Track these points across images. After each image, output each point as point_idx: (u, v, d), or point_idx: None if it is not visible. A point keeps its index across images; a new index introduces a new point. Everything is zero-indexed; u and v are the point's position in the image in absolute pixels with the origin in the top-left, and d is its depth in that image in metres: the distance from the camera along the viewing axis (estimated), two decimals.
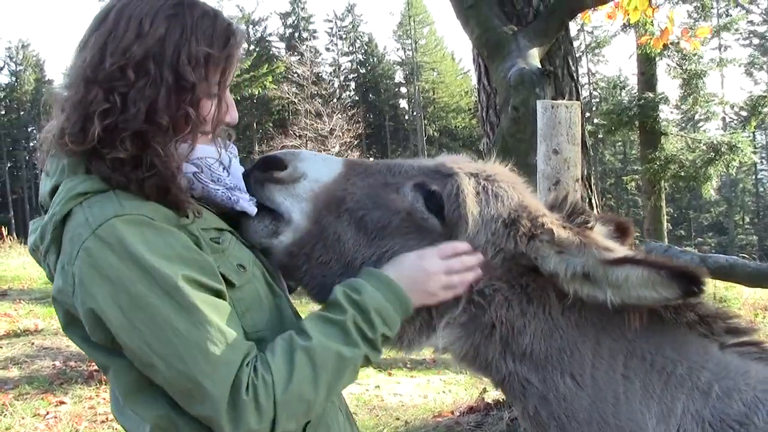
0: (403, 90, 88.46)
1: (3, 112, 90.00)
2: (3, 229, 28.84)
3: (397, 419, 7.83)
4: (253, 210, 2.24)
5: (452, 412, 7.86)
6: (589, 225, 2.27)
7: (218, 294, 1.99)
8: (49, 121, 2.17)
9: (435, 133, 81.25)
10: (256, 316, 2.13)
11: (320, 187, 2.26)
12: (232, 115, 2.24)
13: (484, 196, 2.26)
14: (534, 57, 6.17)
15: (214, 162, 2.18)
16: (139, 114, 1.98)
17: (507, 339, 2.19)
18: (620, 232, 2.48)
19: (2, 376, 8.97)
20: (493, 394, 7.82)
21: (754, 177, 73.39)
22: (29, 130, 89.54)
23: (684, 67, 27.56)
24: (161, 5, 2.06)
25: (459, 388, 9.04)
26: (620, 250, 2.10)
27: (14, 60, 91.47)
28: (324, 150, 48.40)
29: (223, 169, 2.20)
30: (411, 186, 2.27)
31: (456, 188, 2.23)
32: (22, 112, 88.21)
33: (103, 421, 7.61)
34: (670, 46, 22.29)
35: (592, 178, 7.17)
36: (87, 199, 2.00)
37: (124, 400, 2.08)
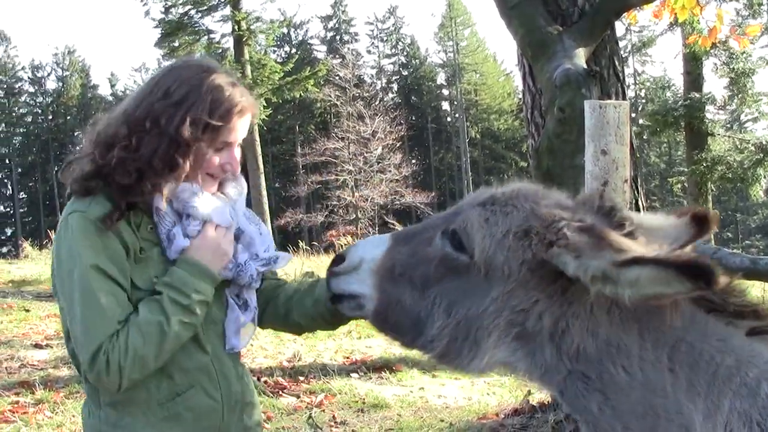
0: (445, 92, 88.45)
1: (50, 117, 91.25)
2: (51, 232, 29.27)
3: (442, 421, 7.83)
4: (174, 248, 2.81)
5: (497, 414, 7.84)
6: (623, 224, 2.27)
7: (120, 285, 2.65)
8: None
9: (477, 135, 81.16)
10: None
11: (376, 264, 2.56)
12: (231, 167, 2.89)
13: (492, 218, 2.34)
14: (579, 57, 6.13)
15: (186, 194, 2.80)
16: (144, 158, 2.68)
17: (557, 341, 2.22)
18: (697, 224, 2.46)
19: (53, 375, 9.09)
20: (538, 397, 7.79)
21: None
22: (75, 134, 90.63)
23: (731, 66, 27.18)
24: (190, 76, 2.77)
25: (503, 391, 9.01)
26: (633, 250, 2.06)
27: (61, 66, 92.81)
28: (366, 152, 48.52)
29: (192, 194, 2.81)
30: (439, 234, 2.44)
31: (465, 222, 2.37)
32: (68, 117, 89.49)
33: None
34: (718, 44, 22.04)
35: (638, 179, 7.12)
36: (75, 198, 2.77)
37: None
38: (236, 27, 39.35)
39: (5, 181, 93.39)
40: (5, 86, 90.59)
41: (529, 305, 2.24)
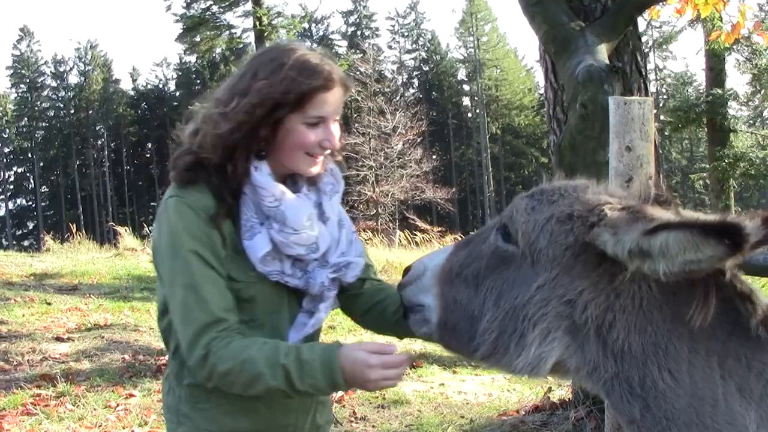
0: (466, 87, 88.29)
1: (72, 111, 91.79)
2: (73, 225, 29.45)
3: (462, 417, 7.81)
4: (249, 243, 2.76)
5: (517, 411, 7.82)
6: (662, 201, 2.22)
7: (218, 273, 2.68)
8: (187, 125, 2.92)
9: (498, 131, 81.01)
10: (256, 309, 2.79)
11: (439, 269, 2.57)
12: (330, 143, 2.81)
13: (537, 206, 2.32)
14: (602, 53, 6.10)
15: (267, 194, 2.76)
16: (239, 139, 2.69)
17: (603, 336, 2.16)
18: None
19: (75, 368, 9.15)
20: (559, 393, 7.77)
21: None
22: (97, 128, 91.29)
23: (754, 62, 27.00)
24: (276, 55, 2.78)
25: (524, 387, 8.98)
26: (663, 217, 2.01)
27: (83, 60, 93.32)
28: (387, 147, 48.51)
29: (274, 199, 2.75)
30: (494, 230, 2.44)
31: (513, 211, 2.38)
32: (90, 111, 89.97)
33: None
34: (741, 40, 21.90)
35: (660, 176, 7.08)
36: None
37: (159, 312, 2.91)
38: (257, 22, 39.44)
39: (27, 174, 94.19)
40: (28, 80, 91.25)
41: (575, 295, 2.18)
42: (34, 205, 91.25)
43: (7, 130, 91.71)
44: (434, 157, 64.66)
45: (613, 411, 2.28)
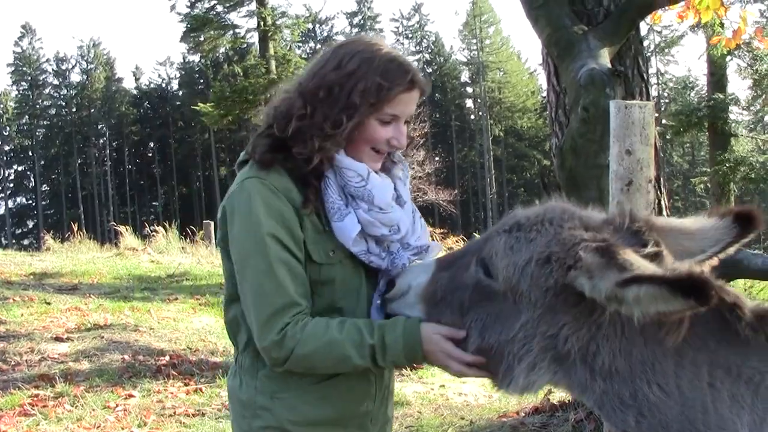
0: (469, 89, 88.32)
1: (74, 110, 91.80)
2: (73, 224, 29.43)
3: (462, 419, 7.81)
4: (340, 224, 2.78)
5: (517, 413, 7.81)
6: (647, 243, 2.26)
7: (294, 256, 2.69)
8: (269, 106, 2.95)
9: (501, 133, 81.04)
10: (335, 292, 2.80)
11: (422, 290, 2.66)
12: (398, 142, 2.86)
13: (516, 245, 2.37)
14: (604, 57, 6.10)
15: (353, 174, 2.79)
16: (317, 125, 2.71)
17: (589, 363, 2.24)
18: (741, 223, 2.37)
19: (74, 368, 9.13)
20: (559, 395, 7.76)
21: None
22: (99, 127, 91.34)
23: (755, 67, 27.03)
24: (362, 49, 2.79)
25: None
26: (635, 268, 2.04)
27: (85, 58, 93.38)
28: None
29: (361, 179, 2.79)
30: (474, 261, 2.51)
31: (492, 249, 2.44)
32: (92, 110, 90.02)
33: (170, 415, 7.72)
34: (742, 46, 21.92)
35: (661, 179, 7.07)
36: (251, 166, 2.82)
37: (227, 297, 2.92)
38: (262, 22, 39.47)
39: (28, 173, 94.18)
40: (30, 78, 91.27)
41: (557, 330, 2.27)
42: (34, 204, 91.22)
43: (8, 128, 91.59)
44: (437, 158, 64.69)
45: (607, 422, 2.34)
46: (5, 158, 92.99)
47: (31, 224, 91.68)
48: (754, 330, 2.12)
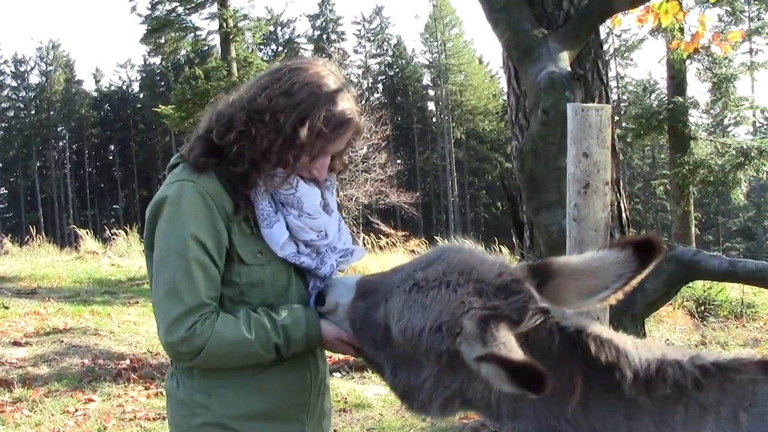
0: (431, 92, 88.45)
1: (33, 112, 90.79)
2: (32, 228, 29.13)
3: (423, 420, 7.80)
4: (268, 231, 2.91)
5: (478, 414, 7.84)
6: (529, 308, 2.33)
7: (213, 261, 2.77)
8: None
9: (462, 136, 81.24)
10: (266, 292, 2.92)
11: (345, 311, 2.79)
12: (318, 174, 2.98)
13: (414, 308, 2.46)
14: (564, 60, 6.15)
15: (286, 185, 2.90)
16: (260, 148, 2.78)
17: (494, 408, 2.38)
18: (640, 254, 2.34)
19: (32, 373, 9.05)
20: None
21: None
22: (59, 130, 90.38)
23: (714, 71, 27.30)
24: (312, 81, 2.85)
25: None
26: (494, 346, 2.12)
27: (45, 60, 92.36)
28: (351, 151, 48.46)
29: (290, 187, 2.91)
30: (383, 305, 2.59)
31: (391, 306, 2.54)
32: (52, 112, 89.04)
33: (131, 419, 7.67)
34: (700, 50, 22.16)
35: (621, 182, 7.14)
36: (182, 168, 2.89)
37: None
38: (223, 24, 39.19)
39: None
40: None
41: (459, 383, 2.40)
42: None
43: None
44: (399, 161, 64.73)
45: None
46: None
47: None
48: (638, 390, 2.19)
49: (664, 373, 2.16)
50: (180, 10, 40.81)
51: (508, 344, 2.13)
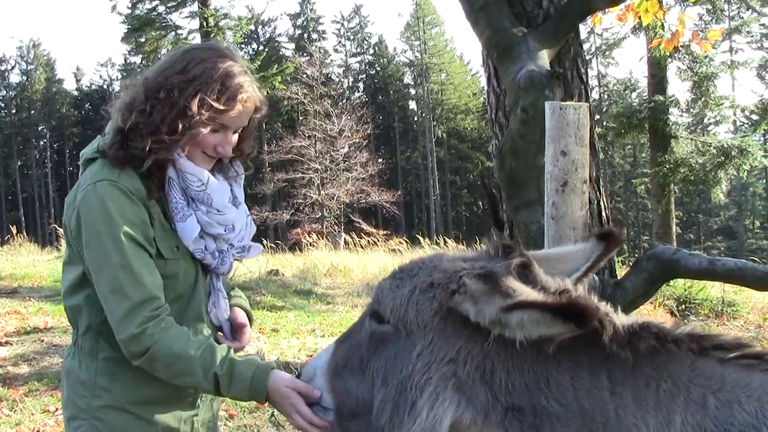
0: (412, 91, 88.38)
1: (14, 111, 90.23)
2: (13, 227, 28.97)
3: None
4: (182, 224, 2.98)
5: None
6: (520, 266, 2.35)
7: (148, 252, 2.84)
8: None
9: (443, 135, 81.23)
10: (178, 284, 3.00)
11: (326, 368, 2.72)
12: (223, 150, 3.02)
13: (400, 283, 2.50)
14: (543, 59, 6.17)
15: (194, 179, 2.97)
16: (154, 122, 2.84)
17: (488, 381, 2.29)
18: (603, 242, 2.62)
19: (12, 372, 9.01)
20: None
21: (765, 181, 73.04)
22: (40, 129, 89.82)
23: (695, 70, 27.40)
24: (207, 58, 2.94)
25: None
26: (519, 294, 2.14)
27: (25, 59, 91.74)
28: (332, 150, 48.45)
29: (201, 184, 2.97)
30: (367, 318, 2.59)
31: (379, 294, 2.55)
32: (32, 111, 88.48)
33: None
34: (680, 48, 22.26)
35: (600, 180, 7.17)
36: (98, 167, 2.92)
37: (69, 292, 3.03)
38: (204, 23, 39.07)
39: None
40: None
41: (454, 353, 2.33)
42: None
43: None
44: (380, 160, 64.90)
45: None
46: None
47: None
48: (620, 346, 2.18)
49: (647, 329, 2.17)
50: (161, 8, 40.70)
51: (528, 290, 2.20)
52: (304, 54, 63.23)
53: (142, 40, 40.47)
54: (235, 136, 3.07)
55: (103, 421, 2.96)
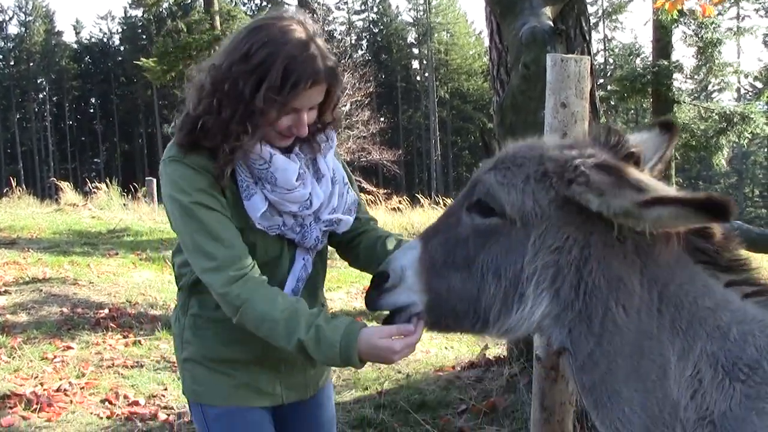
0: (416, 51, 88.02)
1: (12, 63, 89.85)
2: (12, 179, 28.95)
3: (399, 372, 7.89)
4: (248, 202, 2.95)
5: (453, 367, 7.93)
6: (632, 156, 2.42)
7: (223, 214, 2.87)
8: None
9: (446, 95, 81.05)
10: (255, 254, 2.95)
11: (418, 267, 2.61)
12: (297, 131, 2.92)
13: (508, 174, 2.45)
14: (546, 15, 6.13)
15: (257, 158, 2.91)
16: (223, 123, 2.81)
17: (580, 271, 2.34)
18: (666, 131, 2.73)
19: (11, 320, 9.08)
20: (494, 351, 7.88)
21: (766, 149, 72.93)
22: (38, 81, 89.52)
23: (700, 35, 27.25)
24: (269, 40, 2.81)
25: (461, 345, 9.08)
26: (653, 189, 2.17)
27: (24, 10, 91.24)
28: (340, 105, 48.28)
29: (264, 162, 2.92)
30: (464, 212, 2.55)
31: (485, 187, 2.47)
32: (31, 64, 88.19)
33: (109, 366, 7.72)
34: (685, 12, 22.11)
35: None
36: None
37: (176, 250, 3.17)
38: None
39: None
40: None
41: (561, 242, 2.36)
42: None
43: None
44: (382, 119, 64.61)
45: (566, 359, 2.42)
46: None
47: None
48: (718, 253, 2.32)
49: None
50: None
51: (658, 183, 2.26)
52: (307, 11, 62.83)
53: None
54: (312, 113, 2.98)
55: (188, 371, 3.16)
